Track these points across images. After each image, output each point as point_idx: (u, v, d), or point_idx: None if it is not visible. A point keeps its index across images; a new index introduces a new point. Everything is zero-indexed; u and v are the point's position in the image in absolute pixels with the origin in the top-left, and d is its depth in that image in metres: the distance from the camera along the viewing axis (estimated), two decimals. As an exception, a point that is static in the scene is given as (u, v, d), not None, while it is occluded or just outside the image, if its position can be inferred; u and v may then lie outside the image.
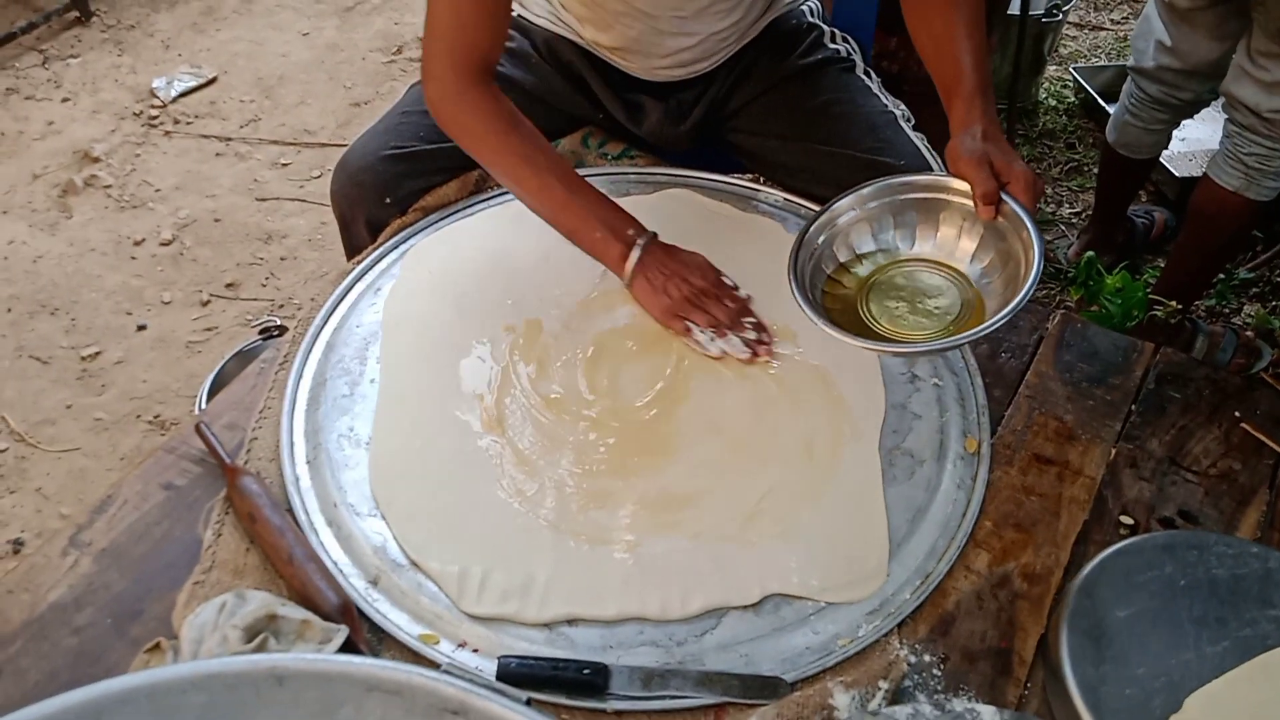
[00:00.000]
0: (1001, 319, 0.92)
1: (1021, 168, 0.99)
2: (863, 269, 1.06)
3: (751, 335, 1.06)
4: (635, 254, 1.07)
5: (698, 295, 1.07)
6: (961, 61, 1.04)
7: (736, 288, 1.11)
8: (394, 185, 1.23)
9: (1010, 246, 0.99)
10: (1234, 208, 1.77)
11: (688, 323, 1.07)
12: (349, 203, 1.24)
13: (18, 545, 1.76)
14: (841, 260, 1.06)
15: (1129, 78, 2.00)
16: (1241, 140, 1.72)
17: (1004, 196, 0.98)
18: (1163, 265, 2.16)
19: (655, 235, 1.11)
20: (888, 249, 1.06)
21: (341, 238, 1.31)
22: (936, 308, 1.02)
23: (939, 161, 1.22)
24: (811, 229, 1.05)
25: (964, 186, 1.01)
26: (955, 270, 1.04)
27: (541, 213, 1.11)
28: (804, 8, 1.37)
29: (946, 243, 1.05)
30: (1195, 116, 2.04)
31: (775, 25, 1.33)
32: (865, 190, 1.06)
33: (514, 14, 1.36)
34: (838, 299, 1.04)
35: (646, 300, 1.08)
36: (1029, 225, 0.96)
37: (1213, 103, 1.97)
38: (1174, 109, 1.96)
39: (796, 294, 0.99)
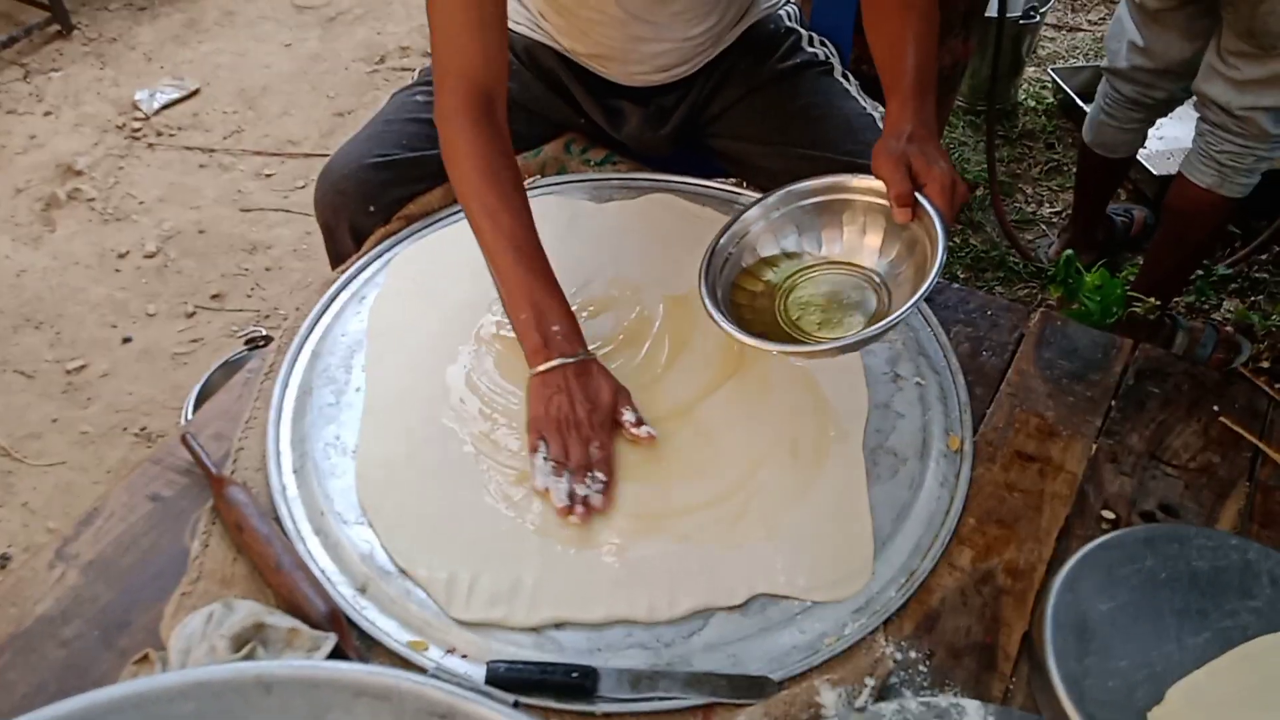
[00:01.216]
0: (898, 318, 0.91)
1: (940, 170, 0.97)
2: (776, 275, 1.05)
3: (581, 491, 0.94)
4: (555, 361, 1.00)
5: (569, 424, 0.98)
6: (905, 64, 1.04)
7: (640, 421, 1.00)
8: (377, 193, 1.23)
9: (923, 248, 0.98)
10: (1208, 205, 1.80)
11: (540, 440, 0.98)
12: (332, 211, 1.25)
13: (4, 560, 1.76)
14: (751, 266, 1.05)
15: (1104, 78, 2.02)
16: (1214, 139, 1.74)
17: (919, 198, 0.97)
18: (1142, 262, 2.18)
19: (584, 352, 1.02)
20: (799, 253, 1.06)
21: (325, 246, 1.31)
22: (851, 308, 1.02)
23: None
24: (722, 240, 1.04)
25: (871, 185, 1.02)
26: (869, 270, 1.04)
27: (490, 271, 1.07)
28: (782, 12, 1.38)
29: (857, 243, 1.04)
30: (1172, 115, 2.07)
31: (754, 30, 1.34)
32: (770, 199, 1.06)
33: None
34: (755, 307, 1.03)
35: (531, 399, 1.01)
36: (937, 225, 0.95)
37: (1187, 101, 1.99)
38: (1148, 108, 1.98)
39: (708, 304, 0.97)
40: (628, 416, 1.00)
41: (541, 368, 1.00)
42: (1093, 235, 2.27)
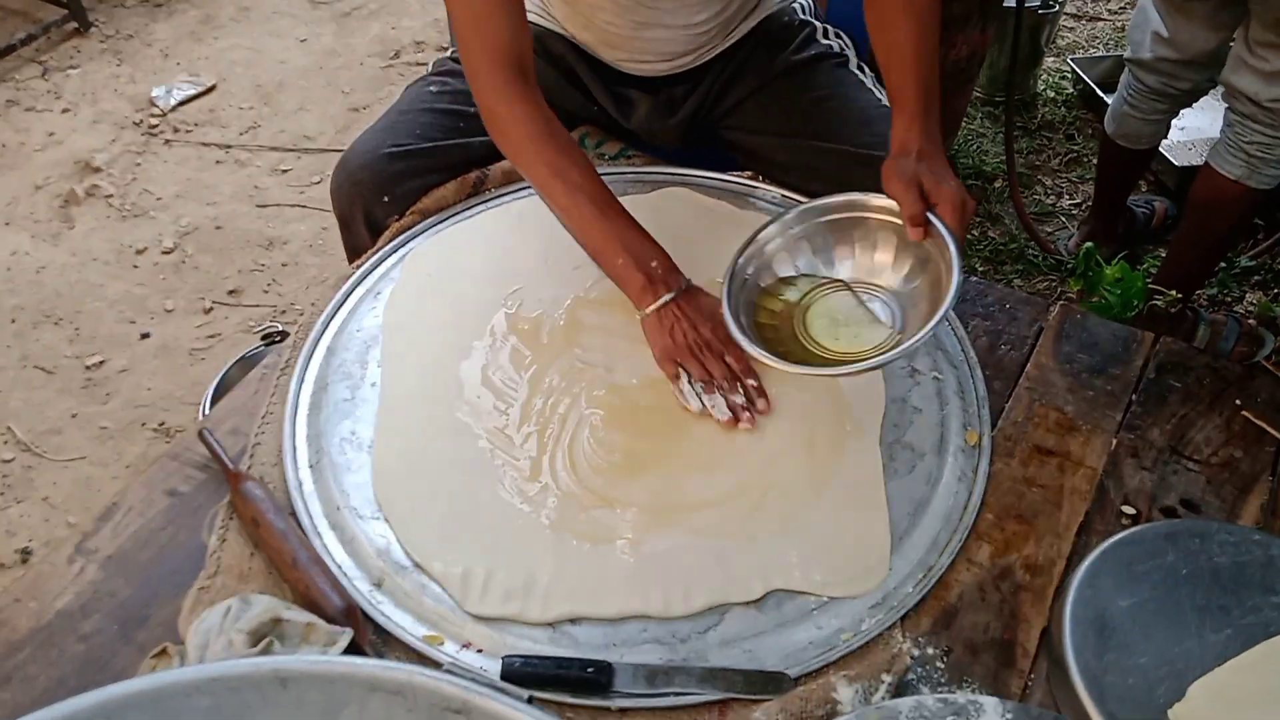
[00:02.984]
0: (916, 342, 0.92)
1: (950, 189, 0.98)
2: (794, 294, 1.06)
3: (740, 400, 1.01)
4: (663, 298, 1.04)
5: (700, 345, 1.03)
6: (910, 78, 1.04)
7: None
8: (392, 183, 1.24)
9: (936, 266, 0.99)
10: (1235, 196, 1.77)
11: (681, 369, 1.03)
12: (348, 201, 1.25)
13: (26, 554, 1.77)
14: (769, 286, 1.06)
15: (1126, 69, 2.00)
16: (1243, 129, 1.71)
17: (931, 218, 0.98)
18: (1163, 255, 2.16)
19: (687, 282, 1.07)
20: (814, 273, 1.06)
21: (342, 237, 1.32)
22: (867, 326, 1.02)
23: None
24: (740, 260, 1.04)
25: (887, 204, 1.02)
26: (885, 288, 1.04)
27: (569, 229, 1.09)
28: (796, 5, 1.38)
29: (870, 261, 1.05)
30: (1194, 105, 2.04)
31: (767, 22, 1.34)
32: (788, 216, 1.06)
33: None
34: (776, 326, 1.04)
35: (652, 336, 1.05)
36: (950, 245, 0.96)
37: (1211, 91, 1.96)
38: (1172, 99, 1.96)
39: (734, 328, 0.98)
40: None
41: (651, 308, 1.04)
42: (1113, 227, 2.25)
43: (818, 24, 1.37)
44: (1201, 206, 1.85)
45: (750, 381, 1.01)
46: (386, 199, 1.24)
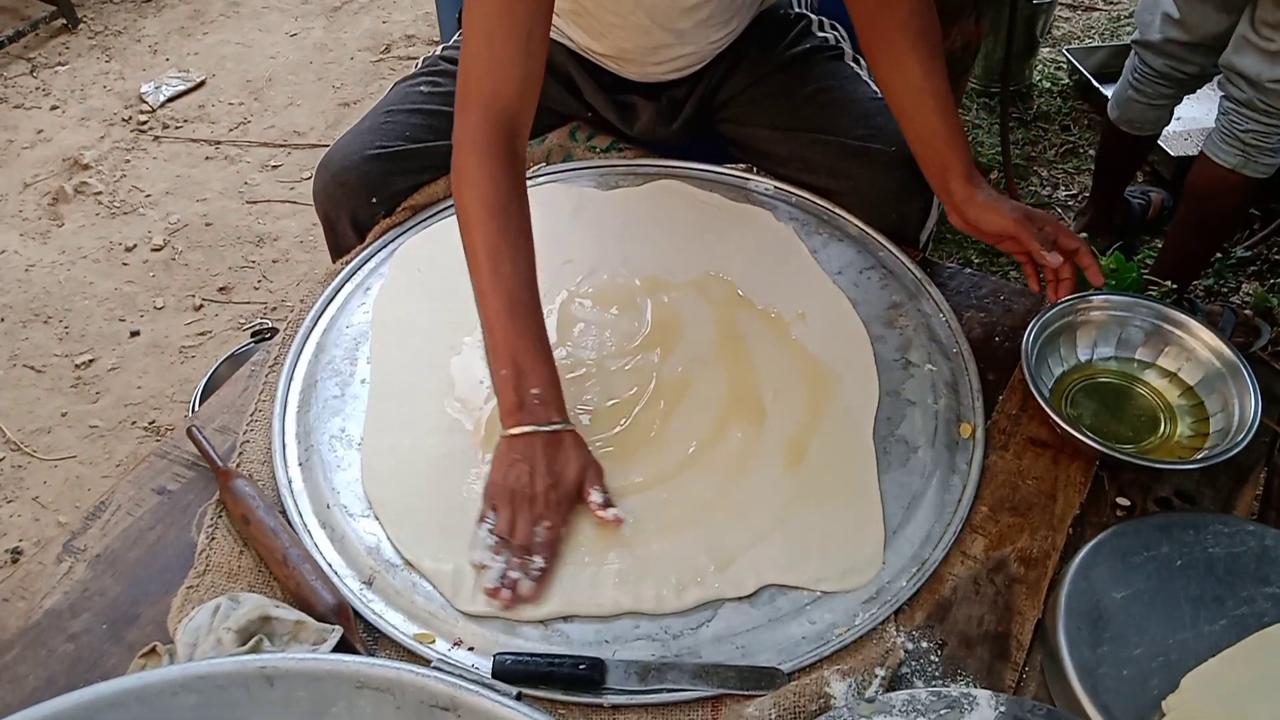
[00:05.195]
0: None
1: (1046, 215, 1.07)
2: (1057, 370, 1.08)
3: (513, 575, 0.87)
4: (527, 427, 0.92)
5: (521, 498, 0.90)
6: (947, 125, 1.08)
7: (608, 503, 0.92)
8: (380, 184, 1.22)
9: (1162, 333, 1.05)
10: (1231, 186, 1.76)
11: (490, 510, 0.92)
12: (333, 203, 1.23)
13: (16, 554, 1.76)
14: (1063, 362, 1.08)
15: (1133, 52, 1.98)
16: (1238, 117, 1.70)
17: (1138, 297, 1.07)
18: (1160, 246, 2.16)
19: (561, 422, 0.94)
20: (1088, 358, 1.09)
21: (326, 238, 1.29)
22: (1131, 415, 1.04)
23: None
24: (1030, 335, 1.04)
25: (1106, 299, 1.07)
26: (1142, 379, 1.06)
27: (479, 313, 0.98)
28: (791, -3, 1.37)
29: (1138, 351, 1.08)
30: (1189, 96, 2.04)
31: (764, 16, 1.33)
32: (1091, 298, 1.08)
33: None
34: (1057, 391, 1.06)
35: (494, 462, 0.94)
36: (1241, 366, 1.00)
37: (1208, 83, 1.96)
38: (1179, 83, 1.94)
39: (1035, 390, 0.99)
40: (595, 497, 0.92)
41: (512, 430, 0.93)
42: (1110, 218, 2.24)
43: (813, 16, 1.36)
44: (1197, 196, 1.85)
45: (538, 561, 0.88)
46: (374, 199, 1.22)
